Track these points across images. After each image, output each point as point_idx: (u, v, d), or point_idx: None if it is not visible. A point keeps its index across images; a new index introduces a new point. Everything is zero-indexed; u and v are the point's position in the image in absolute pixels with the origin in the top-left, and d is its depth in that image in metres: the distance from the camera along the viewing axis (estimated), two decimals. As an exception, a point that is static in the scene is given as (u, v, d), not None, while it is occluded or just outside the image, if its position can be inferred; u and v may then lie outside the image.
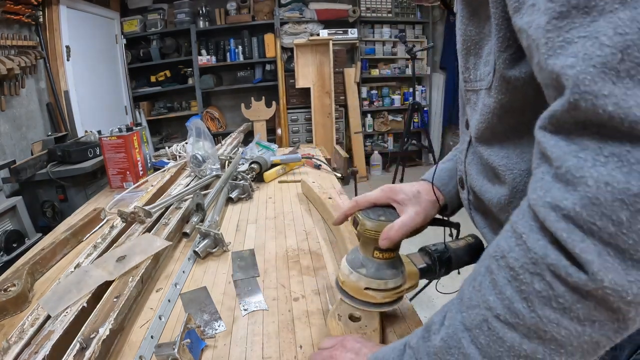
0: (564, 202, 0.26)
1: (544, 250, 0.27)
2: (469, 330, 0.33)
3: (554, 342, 0.28)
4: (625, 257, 0.24)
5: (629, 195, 0.23)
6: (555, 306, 0.27)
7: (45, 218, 2.01)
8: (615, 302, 0.25)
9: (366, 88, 4.55)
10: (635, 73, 0.23)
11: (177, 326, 0.69)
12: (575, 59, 0.25)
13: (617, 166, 0.24)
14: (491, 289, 0.31)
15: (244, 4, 4.12)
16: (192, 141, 1.44)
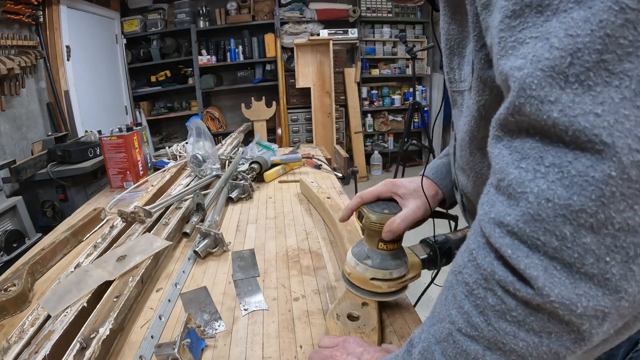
0: (507, 217, 0.26)
1: (492, 267, 0.28)
2: (439, 343, 0.33)
3: (514, 353, 0.28)
4: (572, 271, 0.24)
5: (571, 211, 0.23)
6: (509, 319, 0.27)
7: (45, 218, 2.01)
8: (565, 315, 0.25)
9: (366, 88, 4.55)
10: (585, 79, 0.22)
11: (177, 326, 0.69)
12: (524, 60, 0.24)
13: (558, 178, 0.23)
14: (453, 303, 0.32)
15: (244, 3, 4.12)
16: (192, 141, 1.44)
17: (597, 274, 0.23)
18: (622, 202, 0.22)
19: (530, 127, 0.24)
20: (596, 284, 0.24)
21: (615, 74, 0.21)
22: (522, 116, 0.24)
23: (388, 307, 0.71)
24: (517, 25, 0.25)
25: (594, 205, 0.22)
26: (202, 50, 4.19)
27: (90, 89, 3.36)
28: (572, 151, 0.23)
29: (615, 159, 0.21)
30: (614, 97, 0.21)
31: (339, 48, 4.22)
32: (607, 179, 0.21)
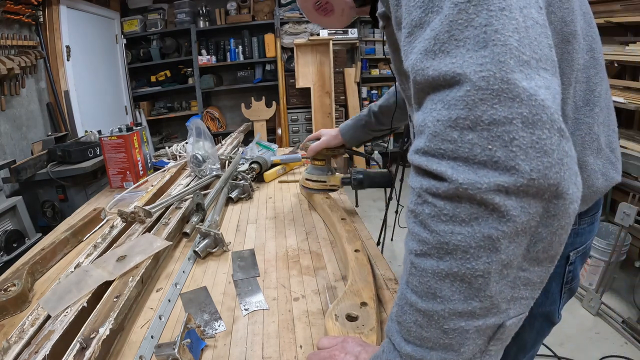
0: (419, 145, 0.36)
1: (420, 182, 0.36)
2: (407, 283, 0.38)
3: (459, 250, 0.33)
4: (469, 162, 0.32)
5: (452, 120, 0.33)
6: (444, 219, 0.34)
7: (45, 218, 2.01)
8: (476, 194, 0.32)
9: (366, 88, 4.54)
10: (444, 49, 0.34)
11: (177, 326, 0.69)
12: (414, 55, 0.37)
13: (442, 106, 0.34)
14: (408, 236, 0.38)
15: (244, 3, 4.12)
16: (192, 141, 1.44)
17: (487, 160, 0.31)
18: (482, 104, 0.31)
19: (422, 90, 0.36)
20: (489, 167, 0.31)
21: (461, 39, 0.33)
22: (417, 85, 0.37)
23: (388, 307, 0.72)
24: (411, 40, 0.38)
25: (464, 112, 0.32)
26: (202, 50, 4.19)
27: (90, 89, 3.35)
28: (445, 88, 0.34)
29: (468, 80, 0.32)
30: (461, 52, 0.33)
31: (338, 48, 4.22)
32: (467, 93, 0.32)
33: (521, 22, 0.32)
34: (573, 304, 2.07)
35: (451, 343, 0.35)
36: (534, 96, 0.31)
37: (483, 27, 0.32)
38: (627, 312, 1.93)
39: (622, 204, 1.86)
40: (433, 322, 0.36)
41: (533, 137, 0.30)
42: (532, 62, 0.32)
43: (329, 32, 4.10)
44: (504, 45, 0.31)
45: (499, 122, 0.31)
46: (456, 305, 0.34)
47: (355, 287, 0.70)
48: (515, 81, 0.31)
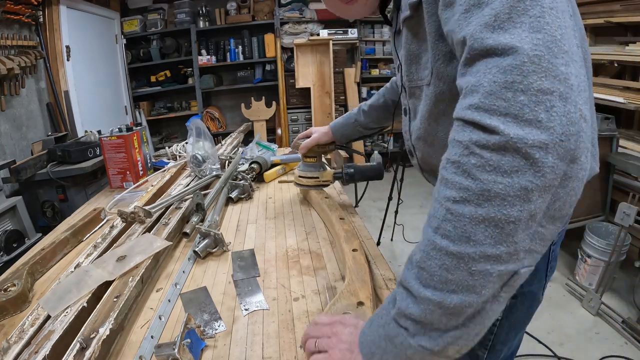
0: (473, 101, 0.39)
1: (469, 135, 0.39)
2: (437, 229, 0.41)
3: (499, 197, 0.37)
4: (519, 119, 0.37)
5: (509, 82, 0.37)
6: (489, 169, 0.38)
7: (45, 218, 2.01)
8: (522, 147, 0.36)
9: (366, 88, 4.54)
10: (503, 26, 0.39)
11: (177, 326, 0.69)
12: (471, 26, 0.42)
13: (498, 71, 0.38)
14: (444, 186, 0.41)
15: (244, 4, 4.12)
16: (192, 141, 1.44)
17: (532, 119, 0.37)
18: (534, 74, 0.37)
19: (477, 55, 0.41)
20: (535, 126, 0.37)
21: (518, 22, 0.39)
22: (473, 51, 0.41)
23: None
24: (467, 16, 0.43)
25: (519, 78, 0.37)
26: (202, 50, 4.19)
27: (90, 89, 3.35)
28: (500, 56, 0.38)
29: (525, 54, 0.37)
30: (518, 31, 0.38)
31: (338, 48, 4.22)
32: (523, 63, 0.37)
33: (562, 22, 0.39)
34: (573, 303, 2.07)
35: (474, 285, 0.39)
36: (568, 80, 0.37)
37: (537, 17, 0.38)
38: (627, 312, 1.93)
39: (622, 204, 1.86)
40: (462, 264, 0.39)
41: (565, 109, 0.37)
42: (569, 53, 0.38)
43: (329, 32, 4.10)
44: (552, 36, 0.38)
45: (544, 91, 0.37)
46: (486, 249, 0.38)
47: (352, 286, 0.70)
48: (557, 64, 0.37)
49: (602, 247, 2.02)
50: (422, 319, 0.42)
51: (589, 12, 2.50)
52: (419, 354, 0.43)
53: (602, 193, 2.41)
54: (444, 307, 0.40)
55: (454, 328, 0.41)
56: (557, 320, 1.94)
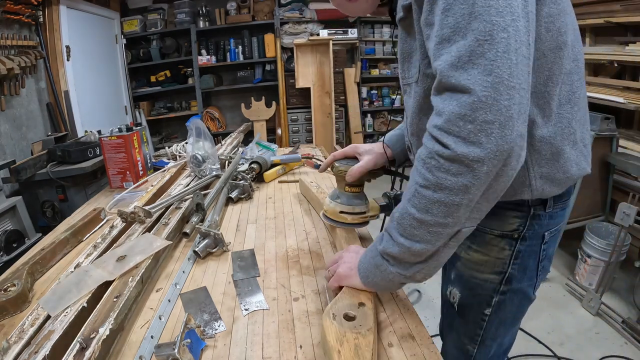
0: (438, 122, 0.53)
1: (433, 146, 0.55)
2: (409, 200, 0.59)
3: (447, 189, 0.54)
4: (465, 140, 0.51)
5: (461, 114, 0.50)
6: (442, 170, 0.54)
7: (45, 218, 2.01)
8: (465, 160, 0.51)
9: (366, 88, 4.55)
10: (463, 67, 0.50)
11: (177, 326, 0.69)
12: (441, 62, 0.53)
13: (456, 104, 0.51)
14: (416, 173, 0.58)
15: (244, 4, 4.12)
16: (192, 141, 1.44)
17: (476, 142, 0.50)
18: (480, 110, 0.49)
19: (444, 88, 0.53)
20: (476, 146, 0.50)
21: (476, 64, 0.49)
22: (442, 84, 0.53)
23: (388, 307, 0.72)
24: (440, 48, 0.54)
25: (469, 112, 0.50)
26: (202, 50, 4.19)
27: (90, 89, 3.35)
28: (459, 92, 0.51)
29: (475, 94, 0.49)
30: (474, 73, 0.49)
31: (338, 48, 4.22)
32: (474, 101, 0.49)
33: (514, 61, 0.49)
34: (573, 303, 2.07)
35: (430, 239, 0.58)
36: (509, 111, 0.49)
37: (491, 60, 0.49)
38: (627, 312, 1.93)
39: (622, 204, 1.86)
40: (423, 226, 0.58)
41: (502, 133, 0.49)
42: (516, 87, 0.49)
43: (328, 32, 4.10)
44: (499, 77, 0.49)
45: (486, 121, 0.49)
46: (438, 219, 0.56)
47: (353, 291, 0.70)
48: (501, 100, 0.49)
49: (602, 247, 2.02)
50: (398, 256, 0.62)
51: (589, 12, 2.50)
52: (396, 276, 0.64)
53: (602, 193, 2.41)
54: (412, 250, 0.60)
55: (418, 262, 0.62)
56: (557, 320, 1.94)
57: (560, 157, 0.65)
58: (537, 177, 0.66)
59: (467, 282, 0.79)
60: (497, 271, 0.74)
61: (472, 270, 0.77)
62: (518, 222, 0.71)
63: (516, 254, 0.72)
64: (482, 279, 0.76)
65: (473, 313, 0.79)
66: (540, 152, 0.64)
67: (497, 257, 0.73)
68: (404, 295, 0.75)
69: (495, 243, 0.73)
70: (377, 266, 0.65)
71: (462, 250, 0.78)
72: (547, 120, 0.63)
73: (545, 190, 0.66)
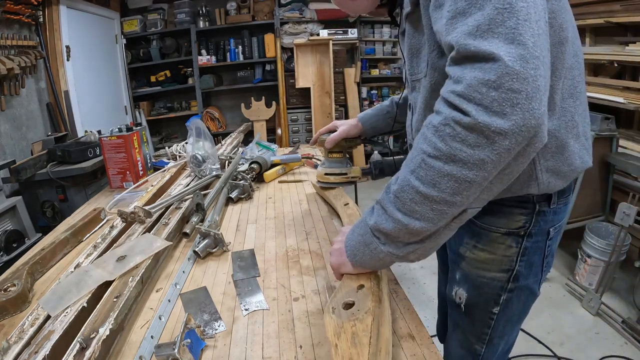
0: (457, 88, 0.48)
1: (449, 112, 0.49)
2: (413, 172, 0.53)
3: (461, 162, 0.48)
4: (488, 109, 0.46)
5: (486, 80, 0.46)
6: (458, 140, 0.48)
7: (45, 218, 2.01)
8: (486, 131, 0.46)
9: (366, 88, 4.54)
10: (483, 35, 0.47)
11: (177, 326, 0.69)
12: (456, 33, 0.49)
13: (479, 70, 0.46)
14: (423, 141, 0.52)
15: (244, 4, 4.12)
16: (192, 141, 1.44)
17: (499, 111, 0.45)
18: (506, 76, 0.45)
19: (463, 58, 0.49)
20: (499, 116, 0.45)
21: (496, 32, 0.46)
22: (459, 54, 0.49)
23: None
24: (453, 22, 0.50)
25: (494, 77, 0.45)
26: (202, 50, 4.19)
27: (90, 89, 3.35)
28: (481, 60, 0.47)
29: (501, 59, 0.45)
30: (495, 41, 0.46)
31: (338, 48, 4.22)
32: (499, 66, 0.45)
33: (536, 30, 0.46)
34: (573, 303, 2.07)
35: (433, 217, 0.53)
36: (536, 81, 0.45)
37: (512, 29, 0.46)
38: (627, 312, 1.93)
39: (622, 204, 1.86)
40: (427, 201, 0.52)
41: (529, 105, 0.45)
42: (540, 57, 0.46)
43: (328, 32, 4.10)
44: (524, 45, 0.45)
45: (513, 90, 0.45)
46: (446, 196, 0.51)
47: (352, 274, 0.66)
48: (527, 68, 0.45)
49: (602, 247, 2.02)
50: (392, 233, 0.57)
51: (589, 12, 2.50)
52: (388, 256, 0.59)
53: (602, 193, 2.41)
54: (409, 228, 0.54)
55: (414, 242, 0.57)
56: (557, 320, 1.94)
57: (565, 150, 0.65)
58: (543, 170, 0.65)
59: (474, 281, 0.78)
60: (504, 269, 0.74)
61: (479, 270, 0.76)
62: (524, 219, 0.71)
63: (523, 250, 0.72)
64: (490, 278, 0.76)
65: (480, 312, 0.79)
66: (546, 145, 0.63)
67: (504, 254, 0.73)
68: (404, 295, 0.75)
69: (502, 241, 0.73)
70: (366, 244, 0.61)
71: (467, 250, 0.77)
72: (551, 113, 0.63)
73: (551, 183, 0.66)
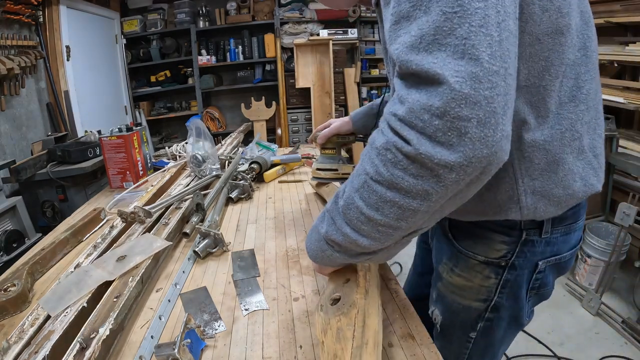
0: (399, 112, 0.42)
1: (391, 137, 0.43)
2: (357, 191, 0.49)
3: (403, 190, 0.43)
4: (431, 139, 0.40)
5: (427, 106, 0.39)
6: (399, 167, 0.43)
7: (45, 218, 2.01)
8: (428, 163, 0.40)
9: (366, 88, 4.54)
10: (427, 49, 0.40)
11: (177, 326, 0.69)
12: (399, 44, 0.42)
13: (419, 92, 0.40)
14: (367, 162, 0.47)
15: (244, 4, 4.11)
16: (192, 141, 1.44)
17: (444, 142, 0.39)
18: (452, 102, 0.38)
19: (406, 73, 0.42)
20: (445, 148, 0.39)
21: (442, 44, 0.39)
22: (402, 70, 0.43)
23: (388, 307, 0.71)
24: (396, 29, 0.43)
25: (437, 103, 0.39)
26: (202, 50, 4.19)
27: (90, 89, 3.35)
28: (424, 80, 0.40)
29: (446, 82, 0.38)
30: (442, 55, 0.39)
31: (338, 48, 4.22)
32: (444, 90, 0.38)
33: (496, 37, 0.38)
34: (573, 303, 2.07)
35: (379, 238, 0.49)
36: (491, 104, 0.38)
37: (463, 39, 0.38)
38: (627, 312, 1.93)
39: (622, 204, 1.86)
40: (371, 223, 0.48)
41: (481, 134, 0.38)
42: (500, 72, 0.39)
43: (328, 32, 4.10)
44: (477, 60, 0.38)
45: (460, 117, 0.38)
46: (390, 221, 0.47)
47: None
48: (479, 89, 0.38)
49: (602, 247, 2.02)
50: (343, 244, 0.54)
51: (589, 12, 2.49)
52: (344, 260, 0.57)
53: (602, 193, 2.41)
54: (357, 244, 0.51)
55: (366, 254, 0.54)
56: (557, 320, 1.94)
57: (559, 168, 0.54)
58: (527, 192, 0.54)
59: (450, 305, 0.72)
60: (481, 299, 0.67)
61: (454, 295, 0.70)
62: (506, 248, 0.62)
63: (503, 282, 0.64)
64: (465, 305, 0.69)
65: (457, 335, 0.74)
66: (532, 161, 0.53)
67: (482, 284, 0.66)
68: (404, 295, 0.75)
69: (479, 270, 0.65)
70: (322, 250, 0.58)
71: (445, 271, 0.71)
72: (542, 121, 0.52)
73: (538, 209, 0.56)
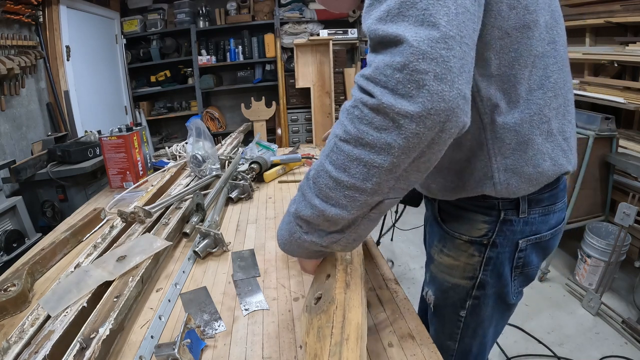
0: (366, 72, 0.47)
1: (358, 95, 0.48)
2: (328, 156, 0.51)
3: (368, 146, 0.46)
4: (393, 92, 0.44)
5: (389, 62, 0.44)
6: (365, 122, 0.46)
7: (45, 218, 2.01)
8: (390, 113, 0.44)
9: (366, 88, 4.54)
10: (392, 20, 0.45)
11: (177, 326, 0.69)
12: (370, 20, 0.48)
13: (384, 54, 0.45)
14: (337, 125, 0.51)
15: (244, 4, 4.11)
16: (192, 141, 1.44)
17: (404, 93, 0.43)
18: (412, 57, 0.42)
19: (375, 43, 0.47)
20: (405, 99, 0.43)
21: (406, 15, 0.44)
22: (372, 40, 0.47)
23: (388, 307, 0.71)
24: (370, 9, 0.49)
25: (398, 59, 0.43)
26: (202, 50, 4.19)
27: (90, 89, 3.35)
28: (389, 43, 0.45)
29: (407, 41, 0.43)
30: (404, 24, 0.44)
31: (338, 48, 4.22)
32: (404, 48, 0.43)
33: (452, 9, 0.43)
34: (573, 303, 2.07)
35: (346, 205, 0.51)
36: (447, 62, 0.42)
37: (422, 10, 0.43)
38: (627, 312, 1.93)
39: (622, 204, 1.86)
40: (339, 187, 0.50)
41: (438, 88, 0.42)
42: (456, 37, 0.43)
43: (329, 32, 4.10)
44: (434, 25, 0.42)
45: (419, 70, 0.42)
46: (356, 181, 0.49)
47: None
48: (436, 48, 0.42)
49: (602, 247, 2.02)
50: (311, 220, 0.54)
51: (589, 12, 2.50)
52: (312, 245, 0.57)
53: (602, 193, 2.41)
54: (325, 215, 0.52)
55: (334, 232, 0.55)
56: (557, 320, 1.94)
57: (528, 148, 0.60)
58: (500, 169, 0.61)
59: (440, 285, 0.78)
60: (467, 276, 0.73)
61: (444, 274, 0.76)
62: (487, 227, 0.68)
63: (486, 260, 0.70)
64: (454, 283, 0.75)
65: (448, 314, 0.79)
66: (503, 141, 0.60)
67: (467, 262, 0.72)
68: (404, 296, 0.75)
69: (465, 248, 0.71)
70: (290, 234, 0.59)
71: (436, 253, 0.77)
72: (513, 106, 0.59)
73: (511, 185, 0.62)
